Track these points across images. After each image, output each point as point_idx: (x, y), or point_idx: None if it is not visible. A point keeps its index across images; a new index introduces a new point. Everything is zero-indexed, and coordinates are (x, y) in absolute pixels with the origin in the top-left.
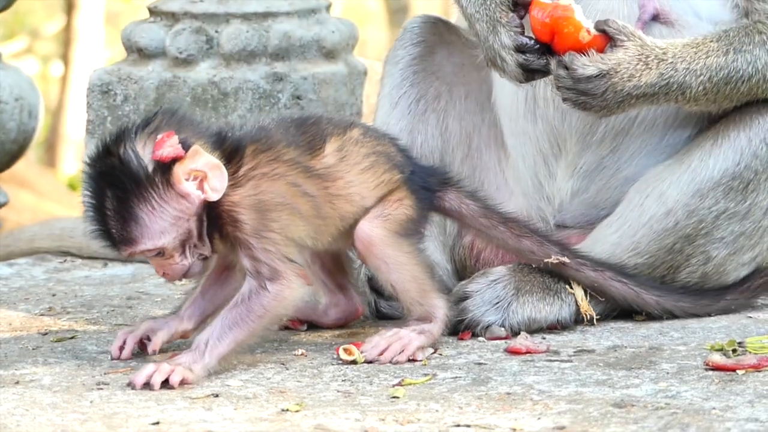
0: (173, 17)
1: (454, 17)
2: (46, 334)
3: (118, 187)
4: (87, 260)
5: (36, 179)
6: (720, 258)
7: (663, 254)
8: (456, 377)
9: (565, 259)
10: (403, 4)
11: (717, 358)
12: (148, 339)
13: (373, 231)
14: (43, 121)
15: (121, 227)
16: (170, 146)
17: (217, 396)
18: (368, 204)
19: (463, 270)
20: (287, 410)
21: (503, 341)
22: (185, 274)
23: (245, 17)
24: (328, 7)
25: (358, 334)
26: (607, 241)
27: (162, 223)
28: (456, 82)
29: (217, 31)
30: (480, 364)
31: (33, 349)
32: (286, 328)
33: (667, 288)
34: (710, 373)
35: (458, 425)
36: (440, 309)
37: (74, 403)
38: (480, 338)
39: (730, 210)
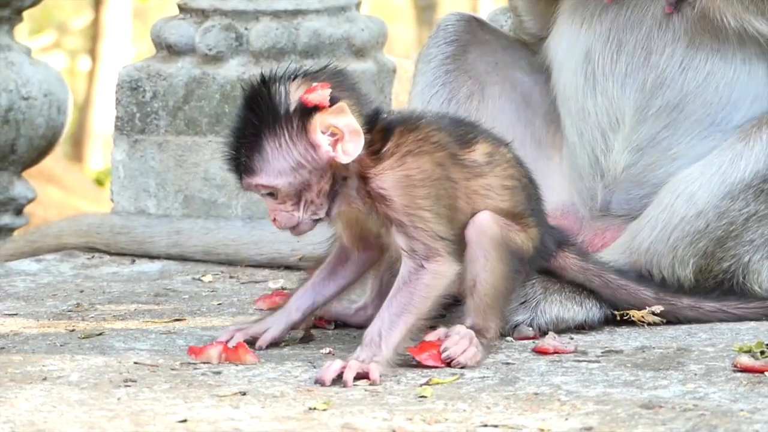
0: (203, 14)
1: (487, 15)
2: (73, 330)
3: (257, 116)
4: (115, 257)
5: (63, 174)
6: (750, 261)
7: (698, 259)
8: (484, 377)
9: (660, 308)
10: (430, 2)
11: (745, 360)
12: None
13: (492, 224)
14: (71, 116)
15: (247, 155)
16: (319, 95)
17: (244, 394)
18: None
19: None
20: (314, 409)
21: (531, 341)
22: (294, 228)
23: (275, 14)
24: (357, 5)
25: None
26: (643, 249)
27: (283, 163)
28: (489, 81)
29: (246, 29)
30: (508, 363)
31: (60, 345)
32: (314, 327)
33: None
34: (738, 374)
35: (486, 425)
36: (492, 331)
37: (102, 400)
38: (508, 338)
39: (760, 212)
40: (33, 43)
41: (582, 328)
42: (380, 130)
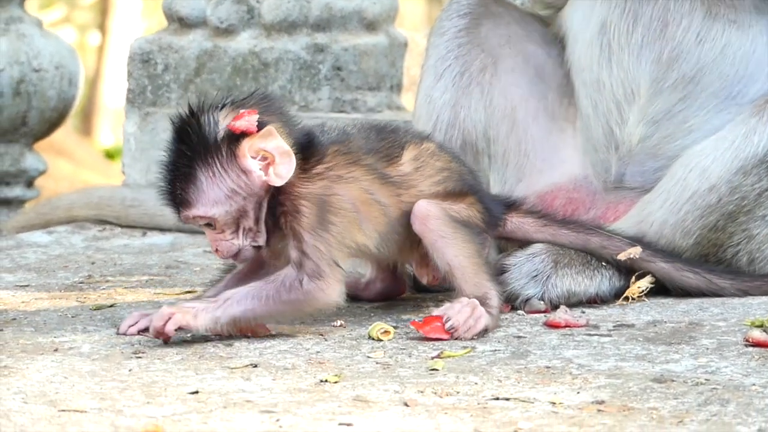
0: None
1: None
2: (84, 302)
3: (188, 147)
4: (126, 229)
5: (73, 148)
6: (762, 236)
7: (707, 232)
8: (495, 350)
9: (638, 250)
10: None
11: (757, 334)
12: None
13: (431, 206)
14: (82, 89)
15: (181, 187)
16: (246, 121)
17: (255, 366)
18: None
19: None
20: (326, 381)
21: (542, 315)
22: (235, 256)
23: None
24: None
25: (395, 305)
26: (653, 220)
27: (218, 192)
28: (502, 54)
29: (258, 1)
30: (519, 337)
31: (72, 317)
32: None
33: (734, 271)
34: (750, 349)
35: (497, 398)
36: (495, 296)
37: (113, 372)
38: (519, 311)
39: None
40: (43, 18)
41: (593, 301)
42: (311, 150)
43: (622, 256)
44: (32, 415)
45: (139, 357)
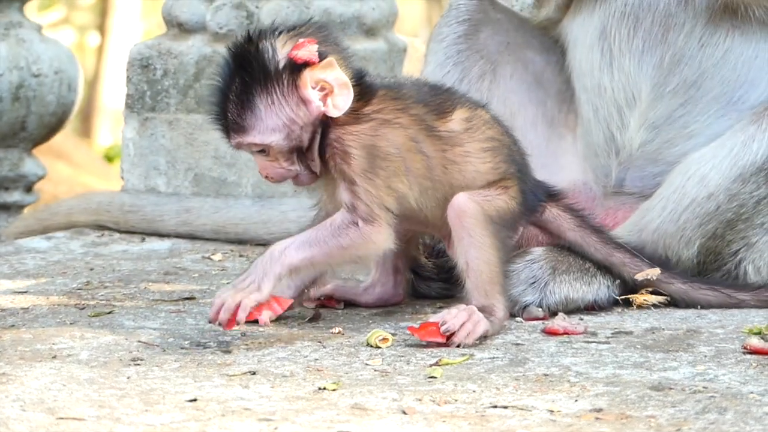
0: None
1: None
2: (83, 308)
3: (246, 74)
4: (124, 234)
5: (72, 151)
6: (761, 244)
7: (706, 240)
8: (493, 357)
9: (657, 272)
10: None
11: (755, 342)
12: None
13: (469, 203)
14: (81, 93)
15: (237, 114)
16: (307, 50)
17: (254, 374)
18: (478, 183)
19: None
20: (324, 389)
21: (540, 322)
22: (296, 180)
23: None
24: None
25: (394, 312)
26: (652, 228)
27: (276, 120)
28: (501, 61)
29: (257, 7)
30: (517, 344)
31: (70, 323)
32: (323, 306)
33: (751, 285)
34: (748, 356)
35: (495, 406)
36: (501, 309)
37: (111, 379)
38: (517, 318)
39: None
40: (42, 19)
41: (591, 308)
42: (363, 87)
43: (639, 276)
44: (30, 423)
45: (138, 364)
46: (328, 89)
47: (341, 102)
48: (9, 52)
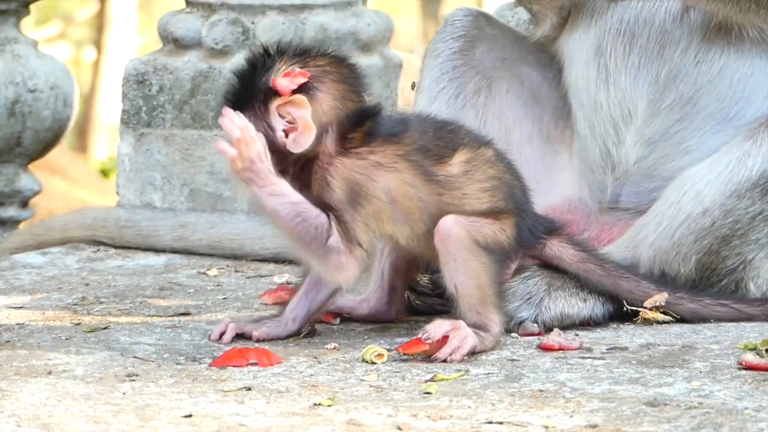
0: (209, 8)
1: (494, 10)
2: (78, 324)
3: (241, 80)
4: (120, 250)
5: (68, 166)
6: (757, 261)
7: (701, 256)
8: (489, 373)
9: (665, 297)
10: None
11: (750, 358)
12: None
13: (454, 227)
14: (77, 109)
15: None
16: (288, 81)
17: (249, 389)
18: (474, 213)
19: None
20: (319, 404)
21: (536, 337)
22: None
23: (281, 9)
24: (364, 0)
25: (389, 328)
26: (647, 244)
27: (256, 128)
28: (496, 77)
29: (253, 23)
30: (513, 360)
31: (66, 339)
32: (319, 321)
33: (759, 300)
34: (743, 372)
35: (491, 422)
36: (496, 325)
37: (107, 395)
38: (513, 334)
39: (766, 211)
40: (38, 34)
41: (587, 324)
42: (361, 129)
43: (648, 304)
44: None
45: (133, 380)
46: (294, 125)
47: (303, 141)
48: (4, 68)
